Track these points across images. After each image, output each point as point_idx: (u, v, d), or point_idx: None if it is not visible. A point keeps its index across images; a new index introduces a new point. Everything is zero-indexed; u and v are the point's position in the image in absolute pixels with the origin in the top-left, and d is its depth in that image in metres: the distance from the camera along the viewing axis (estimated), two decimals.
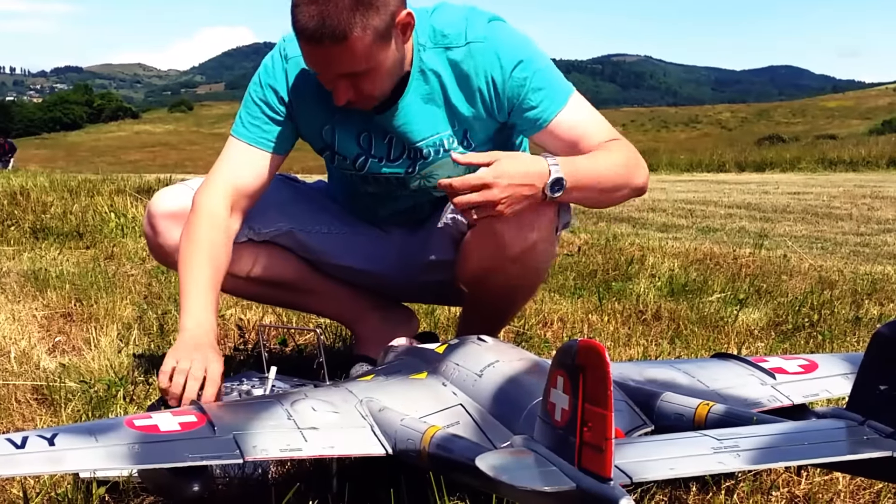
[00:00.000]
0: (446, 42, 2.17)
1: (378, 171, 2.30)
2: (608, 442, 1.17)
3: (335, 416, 1.66)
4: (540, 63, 2.18)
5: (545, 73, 2.17)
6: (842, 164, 17.67)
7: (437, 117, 2.21)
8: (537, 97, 2.15)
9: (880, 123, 65.61)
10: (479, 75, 2.16)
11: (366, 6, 1.94)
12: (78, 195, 7.00)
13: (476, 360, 1.79)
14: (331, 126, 2.28)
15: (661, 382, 1.87)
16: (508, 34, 2.18)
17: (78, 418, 2.28)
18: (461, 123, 2.22)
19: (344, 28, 1.93)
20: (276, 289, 2.53)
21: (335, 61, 2.00)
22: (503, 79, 2.15)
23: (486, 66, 2.15)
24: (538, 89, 2.15)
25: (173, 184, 2.49)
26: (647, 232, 6.85)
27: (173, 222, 2.33)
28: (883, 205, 9.12)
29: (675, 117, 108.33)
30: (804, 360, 2.03)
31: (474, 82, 2.17)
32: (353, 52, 1.97)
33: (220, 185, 2.22)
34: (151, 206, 2.41)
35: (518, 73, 2.15)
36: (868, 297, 3.93)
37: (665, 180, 14.92)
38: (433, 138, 2.23)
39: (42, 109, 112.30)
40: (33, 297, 3.75)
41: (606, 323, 3.36)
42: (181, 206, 2.30)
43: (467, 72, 2.17)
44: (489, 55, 2.15)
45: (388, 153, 2.27)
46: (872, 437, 1.45)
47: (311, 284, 2.53)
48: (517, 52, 2.16)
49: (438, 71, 2.18)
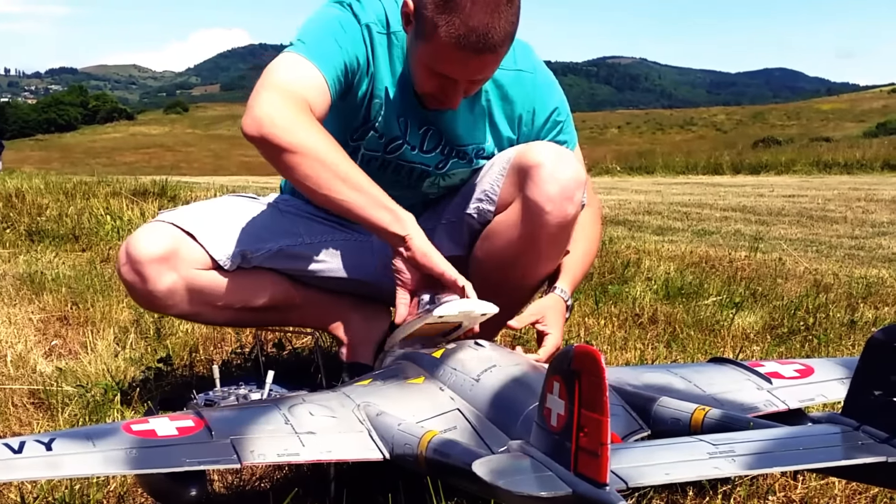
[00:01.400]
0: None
1: (408, 158, 2.33)
2: (604, 447, 1.17)
3: (333, 420, 1.67)
4: (569, 110, 2.42)
5: (571, 123, 2.43)
6: (836, 166, 17.71)
7: (481, 128, 2.33)
8: (561, 140, 2.37)
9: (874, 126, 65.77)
10: (523, 104, 2.33)
11: (516, 16, 2.05)
12: (73, 197, 7.00)
13: (473, 365, 1.79)
14: (380, 100, 2.25)
15: (658, 387, 1.88)
16: (551, 76, 2.38)
17: (75, 423, 2.28)
18: (497, 141, 2.35)
19: (503, 39, 2.03)
20: (265, 312, 2.46)
21: (485, 69, 2.12)
22: (544, 117, 2.35)
23: (533, 98, 2.33)
24: (564, 135, 2.39)
25: (146, 223, 2.34)
26: (642, 235, 6.86)
27: (163, 266, 2.22)
28: (877, 208, 9.15)
29: (670, 119, 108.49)
30: (800, 364, 2.04)
31: (517, 108, 2.33)
32: (497, 62, 2.10)
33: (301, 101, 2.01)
34: (135, 250, 2.21)
35: (556, 116, 2.36)
36: (863, 300, 3.94)
37: (660, 182, 14.95)
38: (474, 145, 2.34)
39: (37, 110, 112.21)
40: (29, 301, 3.75)
41: (603, 326, 3.36)
42: (169, 248, 2.22)
43: (513, 97, 2.32)
44: (538, 90, 2.34)
45: (421, 143, 2.31)
46: (867, 443, 1.45)
47: (296, 299, 2.46)
48: (558, 96, 2.38)
49: (487, 88, 2.29)
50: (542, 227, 2.19)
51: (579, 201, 2.21)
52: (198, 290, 2.28)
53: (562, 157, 2.20)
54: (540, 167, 2.16)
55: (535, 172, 2.16)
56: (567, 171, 2.17)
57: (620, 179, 16.66)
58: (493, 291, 2.39)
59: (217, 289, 2.31)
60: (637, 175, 18.18)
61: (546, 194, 2.16)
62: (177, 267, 2.24)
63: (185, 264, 2.25)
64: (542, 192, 2.16)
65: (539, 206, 2.17)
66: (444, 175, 2.37)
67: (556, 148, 2.24)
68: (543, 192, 2.16)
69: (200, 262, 2.27)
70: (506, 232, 2.27)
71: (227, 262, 2.30)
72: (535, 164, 2.17)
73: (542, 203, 2.16)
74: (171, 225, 2.27)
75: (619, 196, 11.21)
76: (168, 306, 2.29)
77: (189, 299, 2.28)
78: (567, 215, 2.19)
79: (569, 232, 2.26)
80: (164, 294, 2.24)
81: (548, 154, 2.19)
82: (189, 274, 2.26)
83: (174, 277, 2.23)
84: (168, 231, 2.25)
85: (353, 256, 2.47)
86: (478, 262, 2.36)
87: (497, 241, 2.31)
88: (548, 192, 2.16)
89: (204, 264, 2.28)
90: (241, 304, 2.38)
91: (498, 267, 2.32)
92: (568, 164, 2.19)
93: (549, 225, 2.19)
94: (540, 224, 2.19)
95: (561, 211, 2.17)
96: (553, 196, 2.16)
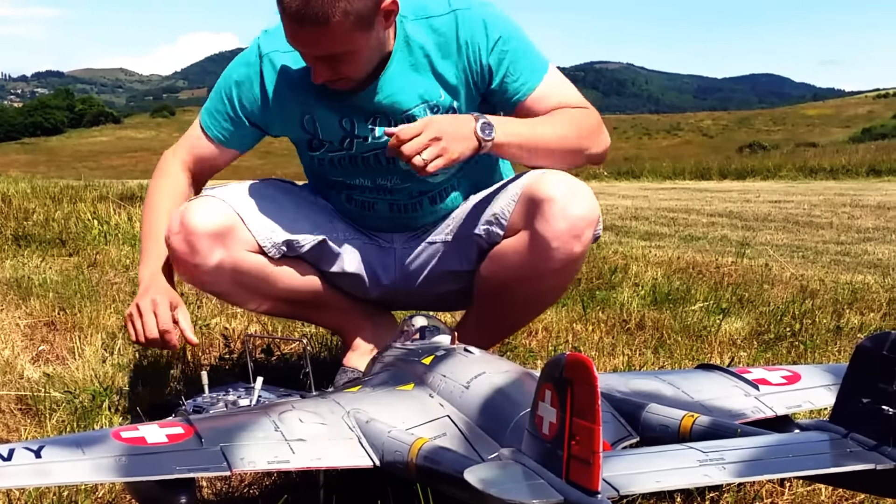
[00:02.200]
0: (427, 13, 2.24)
1: (368, 148, 2.32)
2: (596, 455, 1.18)
3: (322, 427, 1.67)
4: (521, 37, 2.29)
5: (527, 47, 2.29)
6: (822, 172, 17.78)
7: (426, 85, 2.27)
8: (518, 69, 2.26)
9: (860, 131, 66.15)
10: (463, 42, 2.24)
11: None
12: (60, 202, 6.96)
13: (463, 372, 1.79)
14: (311, 115, 2.32)
15: (646, 394, 1.88)
16: (491, 6, 2.28)
17: (63, 429, 2.28)
18: (450, 92, 2.28)
19: (326, 12, 1.99)
20: (295, 306, 2.50)
21: (315, 43, 2.07)
22: (488, 48, 2.24)
23: (472, 33, 2.24)
24: (520, 61, 2.26)
25: (199, 196, 2.37)
26: (630, 240, 6.87)
27: (215, 243, 2.24)
28: (863, 213, 9.19)
29: (657, 125, 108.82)
30: (787, 371, 2.05)
31: (462, 51, 2.25)
32: (332, 36, 2.03)
33: (184, 156, 2.45)
34: (190, 221, 2.23)
35: (501, 46, 2.24)
36: (849, 306, 3.96)
37: (648, 188, 15.00)
38: (422, 106, 2.27)
39: (23, 114, 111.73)
40: (16, 306, 3.73)
41: (591, 332, 3.37)
42: (223, 224, 2.25)
43: (452, 39, 2.24)
44: (475, 23, 2.24)
45: (371, 132, 2.30)
46: (855, 450, 1.47)
47: (324, 298, 2.49)
48: (502, 23, 2.25)
49: (422, 41, 2.24)
50: (546, 262, 2.19)
51: (588, 239, 2.18)
52: (243, 272, 2.31)
53: (575, 192, 2.16)
54: (550, 202, 2.14)
55: (546, 207, 2.14)
56: (578, 207, 2.14)
57: (608, 184, 16.70)
58: (495, 312, 2.41)
59: (260, 274, 2.34)
60: (624, 180, 18.23)
61: (554, 231, 2.14)
62: (228, 245, 2.27)
63: (236, 245, 2.28)
64: (550, 229, 2.14)
65: (546, 241, 2.16)
66: None
67: (569, 181, 2.18)
68: (551, 228, 2.14)
69: (251, 244, 2.30)
70: (511, 258, 2.26)
71: (274, 251, 2.33)
72: (546, 198, 2.14)
73: (550, 239, 2.15)
74: (224, 202, 2.28)
75: (606, 201, 11.23)
76: (210, 283, 2.32)
77: (232, 280, 2.32)
78: (573, 253, 2.17)
79: (574, 268, 2.25)
80: (210, 270, 2.26)
81: (560, 188, 2.15)
82: (238, 255, 2.29)
83: (223, 255, 2.26)
84: (225, 209, 2.28)
85: (375, 260, 2.48)
86: (482, 280, 2.37)
87: (502, 265, 2.30)
88: (556, 229, 2.14)
89: (253, 247, 2.31)
90: (277, 294, 2.41)
91: (500, 289, 2.33)
92: (581, 200, 2.16)
93: (554, 260, 2.18)
94: (545, 258, 2.18)
95: (567, 248, 2.16)
96: (561, 234, 2.14)
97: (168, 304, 2.19)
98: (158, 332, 2.15)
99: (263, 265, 2.34)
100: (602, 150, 2.32)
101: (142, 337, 2.17)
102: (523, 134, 2.20)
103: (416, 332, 2.10)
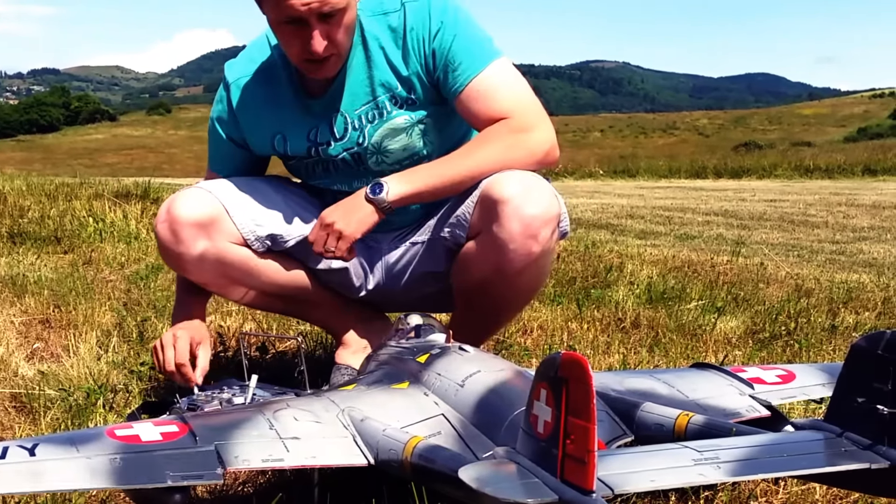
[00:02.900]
0: (383, 9, 2.26)
1: (332, 153, 2.35)
2: (591, 454, 1.18)
3: (317, 425, 1.67)
4: (466, 25, 2.25)
5: (471, 35, 2.25)
6: (818, 171, 17.81)
7: (380, 79, 2.28)
8: (458, 58, 2.23)
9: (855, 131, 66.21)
10: (411, 32, 2.25)
11: None
12: (56, 199, 6.95)
13: (458, 370, 1.79)
14: (281, 134, 2.37)
15: (641, 392, 1.88)
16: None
17: (57, 426, 2.27)
18: (404, 84, 2.28)
19: None
20: (283, 301, 2.52)
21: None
22: (431, 35, 2.23)
23: (419, 23, 2.24)
24: (461, 50, 2.23)
25: (188, 186, 2.42)
26: (625, 239, 6.88)
27: (199, 232, 2.28)
28: (858, 213, 9.20)
29: (652, 123, 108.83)
30: (782, 370, 2.05)
31: (409, 40, 2.25)
32: None
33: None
34: (175, 210, 2.29)
35: (443, 31, 2.23)
36: (844, 305, 3.96)
37: (643, 186, 15.00)
38: (375, 100, 2.29)
39: (18, 111, 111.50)
40: (11, 303, 3.72)
41: (586, 331, 3.37)
42: (207, 215, 2.29)
43: (402, 31, 2.25)
44: (422, 13, 2.24)
45: (332, 135, 2.33)
46: (850, 449, 1.47)
47: (311, 296, 2.50)
48: (446, 11, 2.24)
49: (378, 35, 2.27)
50: (506, 263, 2.17)
51: (546, 238, 2.15)
52: (226, 263, 2.34)
53: (530, 191, 2.13)
54: (504, 203, 2.11)
55: (500, 208, 2.12)
56: (533, 207, 2.12)
57: (603, 183, 16.71)
58: (471, 313, 2.40)
59: (244, 266, 2.37)
60: (620, 179, 18.23)
61: (509, 232, 2.12)
62: (212, 236, 2.29)
63: (220, 236, 2.30)
64: (505, 230, 2.12)
65: (503, 242, 2.14)
66: (374, 146, 2.33)
67: (524, 181, 2.15)
68: (506, 229, 2.12)
69: (235, 236, 2.33)
70: (474, 260, 2.26)
71: (257, 244, 2.35)
72: (499, 199, 2.12)
73: (506, 241, 2.13)
74: (210, 194, 2.31)
75: (601, 200, 11.23)
76: (194, 272, 2.34)
77: (216, 270, 2.34)
78: (531, 253, 2.15)
79: (538, 267, 2.22)
80: (194, 259, 2.30)
81: (514, 189, 2.12)
82: (222, 246, 2.31)
83: (207, 245, 2.29)
84: (211, 200, 2.31)
85: (362, 259, 2.48)
86: (455, 283, 2.38)
87: (466, 267, 2.30)
88: (511, 230, 2.12)
89: (238, 239, 2.33)
90: (262, 287, 2.43)
91: (471, 290, 2.33)
92: (536, 199, 2.12)
93: (513, 262, 2.16)
94: (504, 260, 2.17)
95: (524, 249, 2.14)
96: (516, 235, 2.12)
97: (188, 339, 2.25)
98: (175, 365, 2.21)
99: (248, 258, 2.36)
100: (540, 157, 2.23)
101: (161, 369, 2.25)
102: (430, 175, 2.22)
103: (412, 330, 2.10)
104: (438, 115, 2.32)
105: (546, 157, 2.24)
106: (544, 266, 2.27)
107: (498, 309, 2.40)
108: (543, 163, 2.23)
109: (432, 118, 2.32)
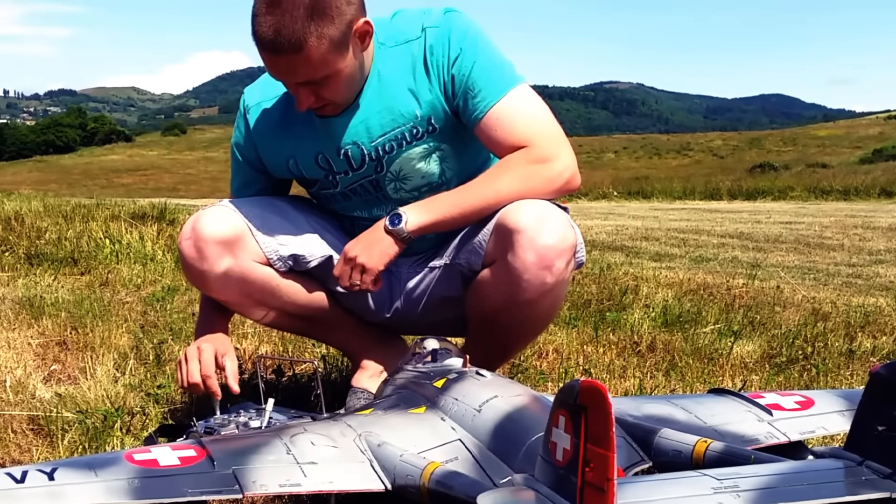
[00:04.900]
0: (406, 38, 2.26)
1: (350, 182, 2.35)
2: (610, 483, 1.17)
3: (334, 450, 1.67)
4: (486, 52, 2.23)
5: (490, 62, 2.23)
6: (833, 192, 17.76)
7: (398, 110, 2.26)
8: (478, 85, 2.21)
9: (871, 152, 65.95)
10: (430, 59, 2.24)
11: (320, 16, 2.04)
12: (72, 220, 6.98)
13: (475, 395, 1.79)
14: (294, 158, 2.37)
15: (659, 418, 1.88)
16: (462, 21, 2.25)
17: (75, 449, 2.28)
18: (423, 109, 2.26)
19: (299, 38, 2.03)
20: (303, 322, 2.53)
21: (293, 70, 2.10)
22: (450, 62, 2.21)
23: (439, 49, 2.23)
24: (480, 77, 2.21)
25: (212, 204, 2.41)
26: (640, 261, 6.86)
27: (222, 250, 2.29)
28: (874, 235, 9.16)
29: (667, 144, 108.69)
30: (801, 396, 2.04)
31: (430, 66, 2.24)
32: (309, 61, 2.07)
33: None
34: (201, 227, 2.29)
35: (463, 58, 2.21)
36: (861, 329, 3.94)
37: (658, 208, 14.99)
38: (394, 132, 2.28)
39: (35, 132, 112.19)
40: (28, 325, 3.74)
41: (602, 354, 3.36)
42: (232, 233, 2.30)
43: (423, 57, 2.24)
44: (442, 39, 2.23)
45: (349, 165, 2.32)
46: (871, 478, 1.46)
47: (332, 318, 2.51)
48: (466, 37, 2.22)
49: (398, 64, 2.25)
50: (519, 293, 2.17)
51: (560, 269, 2.14)
52: (249, 282, 2.35)
53: (545, 221, 2.12)
54: (519, 233, 2.11)
55: (515, 238, 2.11)
56: (548, 237, 2.11)
57: (617, 204, 16.70)
58: (484, 339, 2.40)
59: (267, 286, 2.38)
60: (634, 200, 18.23)
61: (523, 263, 2.12)
62: (236, 254, 2.30)
63: (244, 254, 2.32)
64: (520, 260, 2.12)
65: (517, 272, 2.14)
66: (398, 178, 2.33)
67: (540, 210, 2.14)
68: (521, 259, 2.12)
69: (258, 255, 2.34)
70: (488, 288, 2.26)
71: (280, 263, 2.36)
72: (514, 229, 2.12)
73: (520, 271, 2.13)
74: (235, 212, 2.32)
75: (616, 221, 11.23)
76: (217, 289, 2.35)
77: (239, 289, 2.35)
78: (545, 284, 2.14)
79: (552, 297, 2.21)
80: (218, 277, 2.31)
81: (529, 219, 2.11)
82: (245, 264, 2.32)
83: (231, 263, 2.30)
84: (235, 218, 2.32)
85: (382, 283, 2.47)
86: (468, 309, 2.38)
87: (482, 295, 2.30)
88: (525, 261, 2.12)
89: (261, 258, 2.34)
90: (283, 307, 2.44)
91: (484, 318, 2.34)
92: (551, 230, 2.12)
93: (527, 291, 2.16)
94: (518, 290, 2.17)
95: (538, 280, 2.13)
96: (530, 265, 2.12)
97: (213, 351, 2.26)
98: (200, 377, 2.21)
99: (271, 277, 2.38)
100: (556, 188, 2.21)
101: (185, 382, 2.25)
102: (448, 205, 2.22)
103: (428, 354, 2.10)
104: (457, 142, 2.32)
105: (566, 186, 2.23)
106: (558, 296, 2.26)
107: (511, 337, 2.39)
108: (563, 191, 2.23)
109: (451, 145, 2.31)
